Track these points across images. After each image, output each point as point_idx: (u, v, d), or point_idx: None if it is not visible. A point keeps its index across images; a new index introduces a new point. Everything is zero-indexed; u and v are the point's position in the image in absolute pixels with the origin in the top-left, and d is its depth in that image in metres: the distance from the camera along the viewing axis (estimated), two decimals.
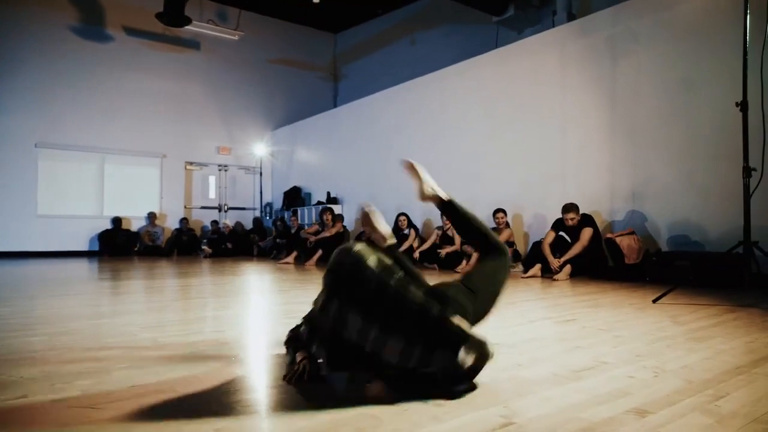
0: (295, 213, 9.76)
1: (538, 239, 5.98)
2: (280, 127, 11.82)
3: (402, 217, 7.22)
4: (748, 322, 2.60)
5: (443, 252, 6.46)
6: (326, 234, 7.60)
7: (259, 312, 3.11)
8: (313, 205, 10.04)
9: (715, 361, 1.82)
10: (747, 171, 3.28)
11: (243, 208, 11.66)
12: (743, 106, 3.30)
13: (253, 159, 11.70)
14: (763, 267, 3.49)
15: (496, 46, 7.83)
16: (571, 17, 6.90)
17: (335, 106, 12.38)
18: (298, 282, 4.81)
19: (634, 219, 5.29)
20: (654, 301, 3.30)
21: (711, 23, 4.73)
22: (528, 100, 6.43)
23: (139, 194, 10.44)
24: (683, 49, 4.92)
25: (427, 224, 7.70)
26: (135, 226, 10.14)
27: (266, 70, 11.92)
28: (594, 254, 5.15)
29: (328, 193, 9.72)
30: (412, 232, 7.14)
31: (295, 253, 7.68)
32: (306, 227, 8.68)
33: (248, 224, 10.96)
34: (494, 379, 1.54)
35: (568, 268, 5.00)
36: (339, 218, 8.13)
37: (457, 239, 6.46)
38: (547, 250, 5.25)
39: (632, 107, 5.35)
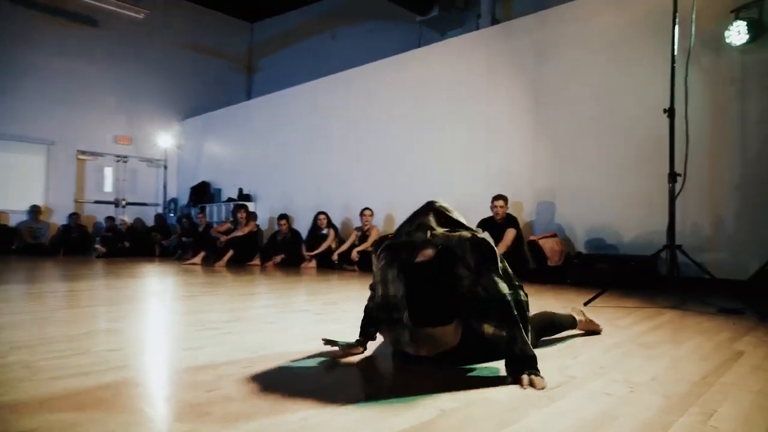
0: (203, 210, 9.08)
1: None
2: (189, 117, 11.02)
3: (321, 216, 6.89)
4: (682, 325, 2.59)
5: (355, 252, 6.22)
6: (239, 233, 7.09)
7: (163, 323, 2.67)
8: (224, 202, 9.41)
9: (678, 371, 1.70)
10: (672, 176, 3.34)
11: (144, 204, 10.71)
12: (671, 112, 3.36)
13: (158, 151, 10.79)
14: (683, 270, 3.59)
15: (419, 46, 7.75)
16: (494, 21, 6.94)
17: (249, 98, 11.77)
18: (207, 286, 4.33)
19: (554, 221, 5.37)
20: (585, 304, 3.26)
21: (634, 34, 4.88)
22: (455, 100, 6.36)
23: (20, 185, 9.23)
24: (606, 57, 5.05)
25: (345, 224, 7.42)
26: (14, 221, 8.94)
27: (174, 56, 11.05)
28: (516, 255, 5.15)
29: (240, 190, 9.15)
30: (332, 231, 6.83)
31: (203, 254, 7.08)
32: (216, 225, 8.07)
33: (150, 221, 10.07)
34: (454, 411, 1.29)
35: None
36: (253, 216, 7.64)
37: (373, 239, 6.26)
38: None
39: (555, 111, 5.43)
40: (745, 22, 4.07)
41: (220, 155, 10.15)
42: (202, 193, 9.99)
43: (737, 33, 4.13)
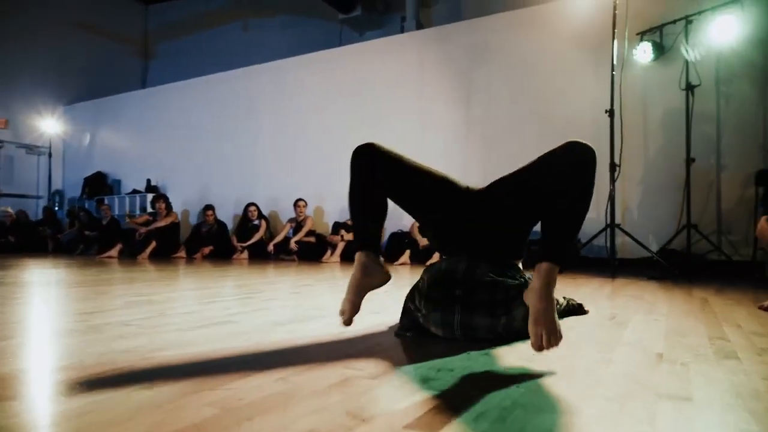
0: (101, 202, 8.36)
1: (395, 230, 6.25)
2: (78, 102, 10.04)
3: (252, 208, 6.79)
4: (643, 290, 3.13)
5: (293, 242, 6.25)
6: (160, 224, 6.71)
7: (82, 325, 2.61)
8: (128, 194, 8.75)
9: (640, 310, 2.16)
10: (613, 166, 3.96)
11: (24, 196, 9.53)
12: (611, 112, 3.98)
13: (41, 137, 9.68)
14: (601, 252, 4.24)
15: (341, 44, 7.96)
16: (419, 25, 7.38)
17: (144, 85, 11.03)
18: (129, 281, 4.16)
19: None
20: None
21: (563, 43, 5.54)
22: (388, 97, 6.66)
23: None
24: (538, 64, 5.69)
25: (273, 216, 7.36)
26: None
27: (60, 33, 9.98)
28: None
29: (149, 181, 8.58)
30: (263, 223, 6.76)
31: (119, 246, 6.59)
32: (131, 217, 7.53)
33: (32, 214, 9.01)
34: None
35: (437, 255, 5.33)
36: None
37: (308, 228, 6.36)
38: (416, 232, 5.52)
39: (487, 111, 5.97)
40: (649, 44, 4.89)
41: (118, 145, 9.40)
42: (99, 184, 9.18)
43: (643, 52, 4.93)
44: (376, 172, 1.52)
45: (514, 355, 1.31)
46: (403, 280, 3.61)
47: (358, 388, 1.03)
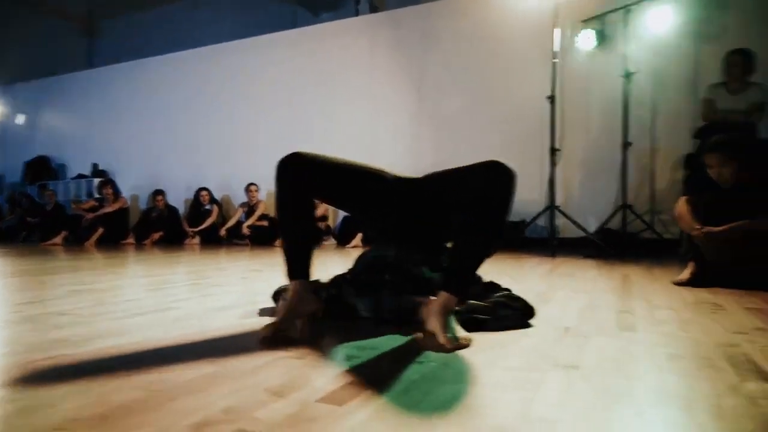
0: (44, 187, 8.07)
1: (348, 214, 6.31)
2: (17, 82, 9.57)
3: (204, 192, 6.72)
4: (576, 266, 3.32)
5: (245, 227, 6.24)
6: (108, 209, 6.56)
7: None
8: (73, 178, 8.47)
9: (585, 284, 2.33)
10: (553, 150, 4.13)
11: None
12: (552, 99, 4.14)
13: None
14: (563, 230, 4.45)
15: (295, 25, 7.87)
16: (373, 8, 7.37)
17: (91, 65, 10.60)
18: (73, 269, 4.11)
19: None
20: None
21: (513, 31, 5.67)
22: (339, 80, 6.67)
23: None
24: (490, 50, 5.81)
25: (226, 200, 7.30)
26: None
27: None
28: None
29: (95, 165, 8.33)
30: (215, 208, 6.71)
31: (64, 233, 6.41)
32: (77, 203, 7.31)
33: None
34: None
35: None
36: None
37: (260, 212, 6.37)
38: None
39: (438, 97, 6.07)
40: (592, 31, 5.06)
41: (62, 127, 9.05)
42: (41, 169, 8.84)
43: (585, 40, 5.11)
44: (306, 183, 1.50)
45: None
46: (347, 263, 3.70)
47: (282, 368, 1.11)
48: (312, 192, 1.53)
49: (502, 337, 1.38)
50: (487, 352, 1.23)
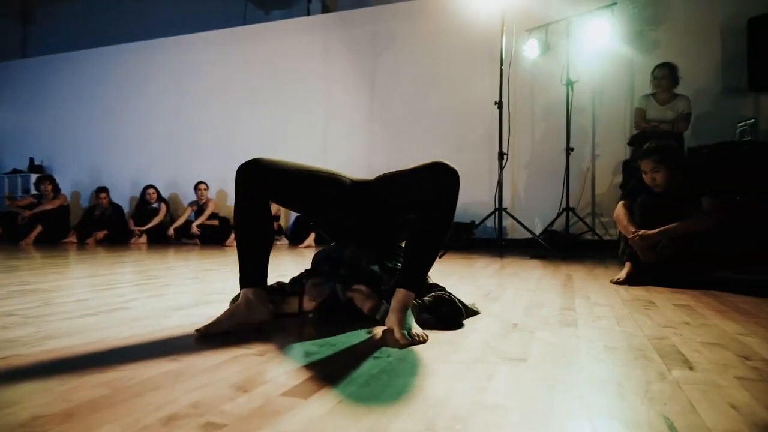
0: None
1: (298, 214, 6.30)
2: None
3: (151, 190, 6.52)
4: (520, 266, 3.47)
5: (194, 226, 6.11)
6: (47, 207, 6.25)
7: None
8: (7, 173, 8.01)
9: (535, 284, 2.46)
10: (501, 154, 4.28)
11: None
12: (500, 104, 4.29)
13: None
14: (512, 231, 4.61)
15: (245, 21, 7.76)
16: (325, 8, 7.37)
17: (24, 55, 10.05)
18: (11, 269, 3.94)
19: None
20: (440, 257, 4.00)
21: (464, 37, 5.81)
22: (290, 82, 6.64)
23: None
24: (441, 54, 5.93)
25: (173, 198, 7.11)
26: None
27: None
28: None
29: (32, 160, 7.92)
30: (163, 206, 6.53)
31: None
32: (8, 200, 6.93)
33: None
34: None
35: None
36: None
37: (210, 211, 6.26)
38: None
39: (390, 98, 6.15)
40: (536, 40, 5.28)
41: None
42: None
43: (530, 48, 5.32)
44: (265, 189, 1.51)
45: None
46: (307, 263, 3.71)
47: (245, 364, 1.13)
48: (271, 197, 1.55)
49: (452, 334, 1.45)
50: (440, 347, 1.30)
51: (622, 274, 2.60)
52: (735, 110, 4.88)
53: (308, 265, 1.80)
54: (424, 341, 1.35)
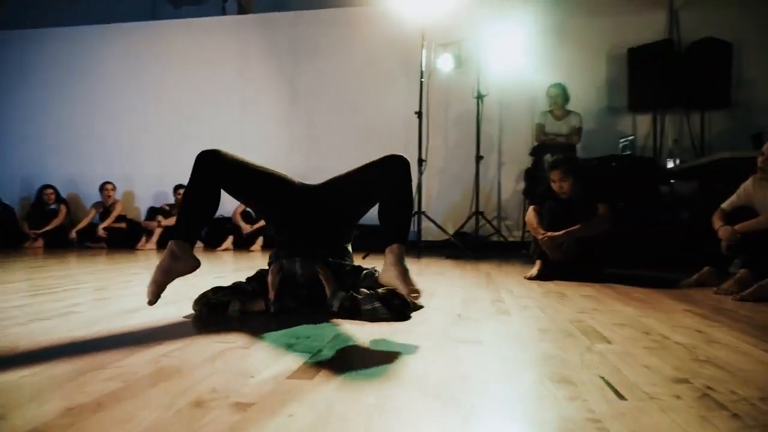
0: None
1: (216, 216, 6.20)
2: None
3: (49, 191, 6.07)
4: (445, 267, 3.75)
5: (101, 229, 5.80)
6: None
7: None
8: None
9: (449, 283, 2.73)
10: (420, 161, 4.56)
11: None
12: (419, 114, 4.57)
13: None
14: (427, 233, 4.89)
15: (155, 17, 7.47)
16: (241, 9, 7.29)
17: None
18: None
19: None
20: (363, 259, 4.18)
21: (384, 47, 6.04)
22: (203, 82, 6.52)
23: None
24: (362, 63, 6.12)
25: (73, 199, 6.65)
26: None
27: None
28: None
29: None
30: (62, 207, 6.10)
31: None
32: None
33: None
34: None
35: (260, 240, 5.47)
36: None
37: (117, 213, 5.96)
38: (238, 217, 5.59)
39: (310, 104, 6.25)
40: (450, 55, 5.65)
41: None
42: None
43: (445, 62, 5.68)
44: (218, 179, 1.70)
45: (354, 324, 1.63)
46: (226, 265, 3.72)
47: (236, 355, 1.23)
48: (224, 185, 1.73)
49: (408, 324, 1.63)
50: (401, 333, 1.48)
51: (534, 270, 2.95)
52: (617, 127, 5.57)
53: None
54: (420, 294, 1.59)
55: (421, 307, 1.91)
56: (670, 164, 4.91)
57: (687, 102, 5.25)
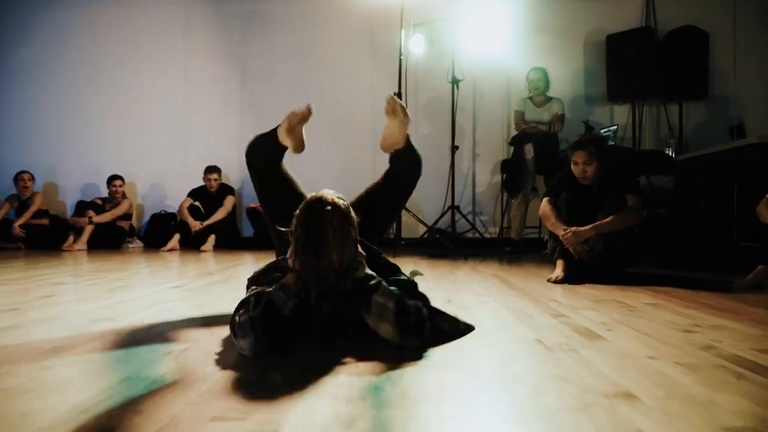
0: None
1: (158, 211, 5.49)
2: None
3: None
4: (435, 264, 3.30)
5: (17, 227, 4.91)
6: None
7: None
8: None
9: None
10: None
11: None
12: (399, 96, 4.09)
13: None
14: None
15: None
16: None
17: None
18: None
19: None
20: None
21: (343, 22, 5.48)
22: (145, 62, 5.72)
23: None
24: (318, 40, 5.54)
25: None
26: None
27: None
28: (231, 224, 5.16)
29: None
30: None
31: None
32: None
33: None
34: None
35: (212, 238, 4.81)
36: None
37: (37, 208, 5.09)
38: (185, 213, 4.89)
39: (264, 84, 5.61)
40: (422, 36, 5.20)
41: None
42: None
43: (417, 43, 5.22)
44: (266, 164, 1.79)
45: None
46: (169, 270, 3.11)
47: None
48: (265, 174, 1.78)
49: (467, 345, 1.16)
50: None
51: (558, 272, 2.54)
52: (593, 117, 5.33)
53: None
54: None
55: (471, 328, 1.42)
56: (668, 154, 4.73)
57: (665, 92, 5.09)
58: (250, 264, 3.57)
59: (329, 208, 1.23)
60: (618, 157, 3.97)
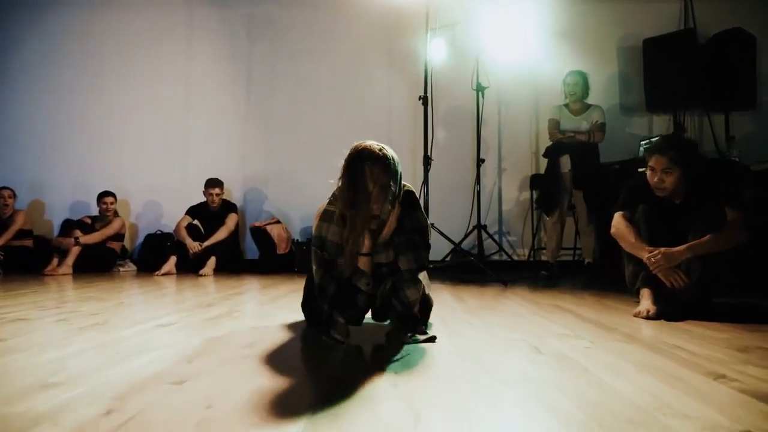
0: None
1: (153, 231, 5.01)
2: None
3: None
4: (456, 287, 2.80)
5: None
6: None
7: None
8: None
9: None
10: (427, 160, 3.62)
11: None
12: (425, 100, 3.64)
13: None
14: None
15: None
16: None
17: None
18: None
19: (267, 206, 5.10)
20: None
21: (357, 26, 5.07)
22: (141, 68, 5.28)
23: None
24: (327, 45, 5.12)
25: None
26: None
27: None
28: (234, 244, 4.66)
29: None
30: None
31: None
32: None
33: None
34: None
35: (212, 261, 4.30)
36: None
37: (18, 227, 4.59)
38: (183, 233, 4.38)
39: (270, 91, 5.17)
40: (443, 40, 4.77)
41: None
42: None
43: (437, 48, 4.79)
44: None
45: None
46: (160, 300, 2.61)
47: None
48: None
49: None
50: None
51: (648, 305, 2.03)
52: (632, 128, 4.89)
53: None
54: None
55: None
56: None
57: (709, 101, 4.64)
58: (255, 292, 3.07)
59: (370, 162, 1.38)
60: (711, 168, 3.45)
